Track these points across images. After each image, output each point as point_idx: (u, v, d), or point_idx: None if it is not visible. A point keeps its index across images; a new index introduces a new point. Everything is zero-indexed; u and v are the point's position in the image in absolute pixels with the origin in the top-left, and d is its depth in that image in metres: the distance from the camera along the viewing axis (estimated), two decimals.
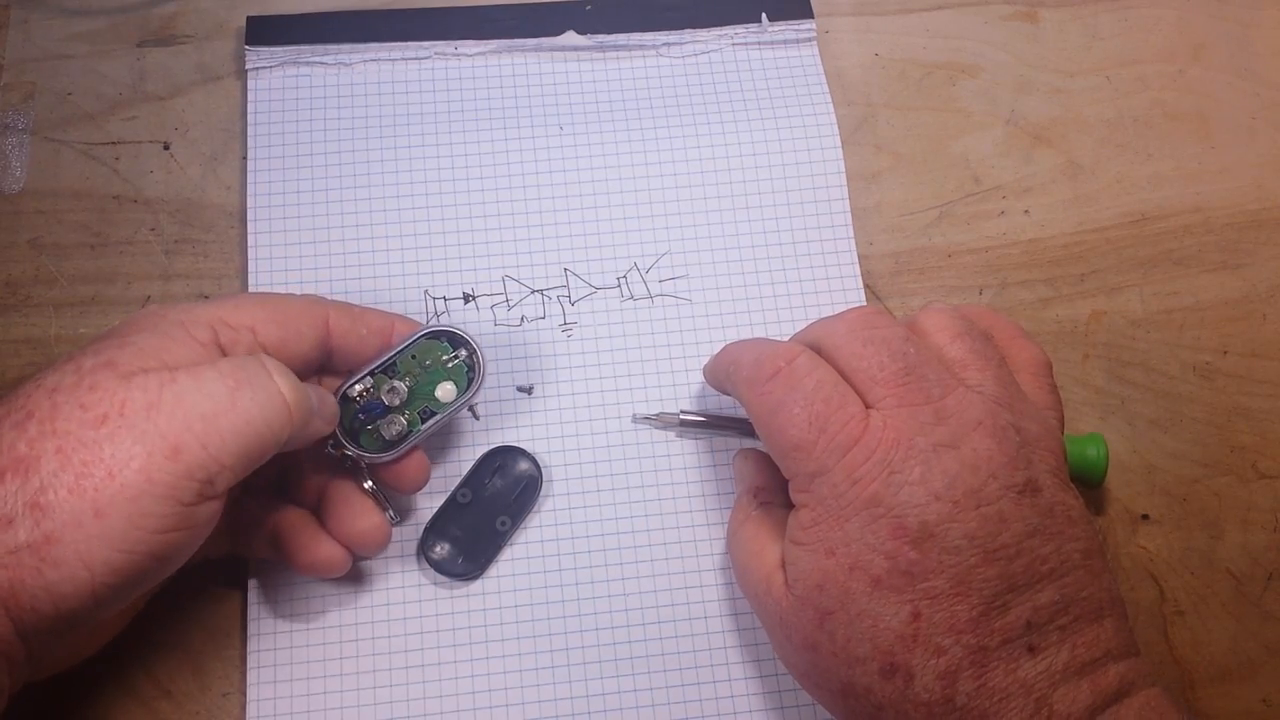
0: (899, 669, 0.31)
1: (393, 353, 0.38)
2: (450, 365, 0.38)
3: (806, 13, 0.51)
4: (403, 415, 0.38)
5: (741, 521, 0.38)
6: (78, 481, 0.29)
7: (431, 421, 0.38)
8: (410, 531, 0.41)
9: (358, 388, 0.37)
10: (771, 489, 0.39)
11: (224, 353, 0.34)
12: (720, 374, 0.39)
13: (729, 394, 0.39)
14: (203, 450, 0.30)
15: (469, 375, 0.38)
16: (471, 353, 0.39)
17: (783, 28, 0.51)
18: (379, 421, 0.37)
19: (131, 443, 0.29)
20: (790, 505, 0.36)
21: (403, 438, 0.37)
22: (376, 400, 0.37)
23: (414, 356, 0.38)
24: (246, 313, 0.35)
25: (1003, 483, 0.33)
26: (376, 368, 0.38)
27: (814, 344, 0.36)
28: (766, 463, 0.39)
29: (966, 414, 0.33)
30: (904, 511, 0.32)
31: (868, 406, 0.34)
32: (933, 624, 0.31)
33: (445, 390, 0.38)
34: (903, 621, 0.32)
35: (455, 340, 0.39)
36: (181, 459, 0.30)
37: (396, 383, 0.38)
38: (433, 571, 0.40)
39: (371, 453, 0.37)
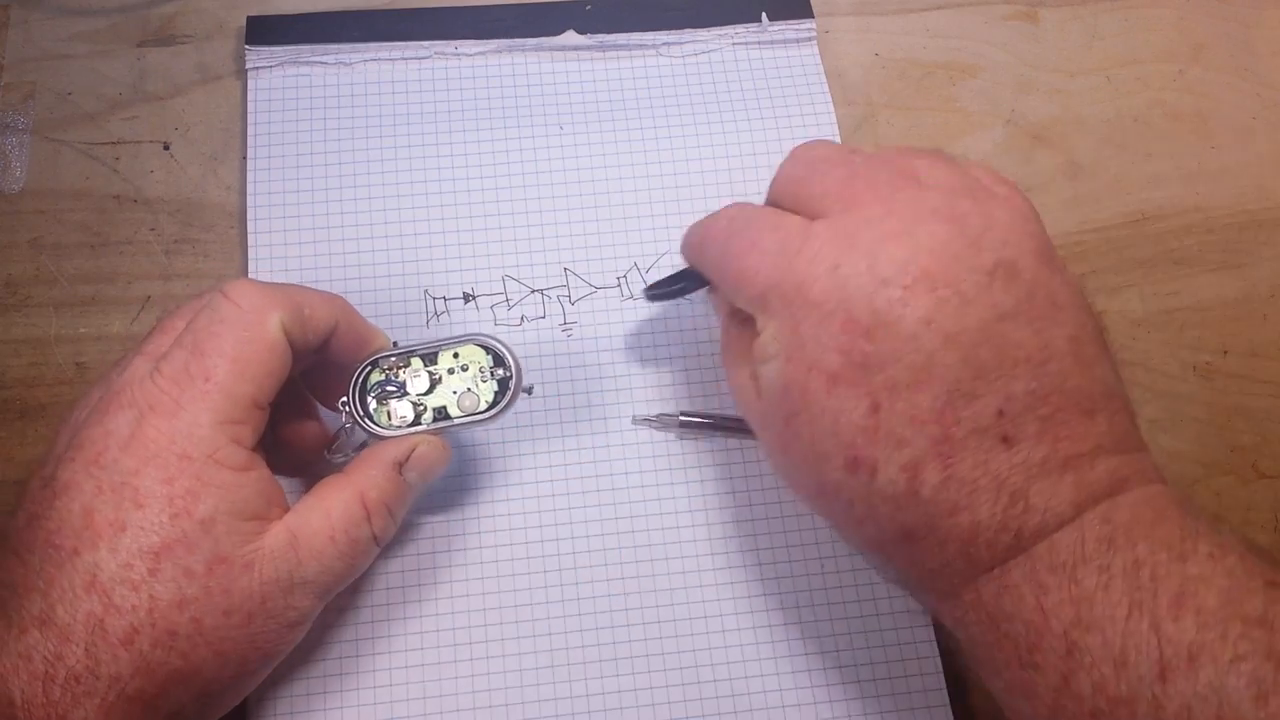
0: (862, 462, 0.31)
1: (441, 342, 0.38)
2: (484, 380, 0.38)
3: (806, 12, 0.51)
4: (415, 405, 0.37)
5: (726, 343, 0.39)
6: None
7: (439, 425, 0.37)
8: (407, 532, 0.41)
9: (393, 359, 0.38)
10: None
11: (255, 446, 0.34)
12: (694, 251, 0.39)
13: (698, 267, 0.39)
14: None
15: (498, 396, 0.38)
16: (509, 377, 0.38)
17: (782, 27, 0.51)
18: (391, 400, 0.37)
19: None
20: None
21: (406, 426, 0.37)
22: (399, 380, 0.37)
23: (456, 355, 0.38)
24: (241, 389, 0.33)
25: (966, 265, 0.31)
26: (419, 350, 0.38)
27: (772, 195, 0.37)
28: None
29: (920, 205, 0.32)
30: (853, 304, 0.31)
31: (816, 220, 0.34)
32: (893, 414, 0.30)
33: (468, 401, 0.38)
34: (862, 415, 0.31)
35: (499, 358, 0.38)
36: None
37: (425, 370, 0.37)
38: (432, 572, 0.40)
39: (376, 425, 0.37)
